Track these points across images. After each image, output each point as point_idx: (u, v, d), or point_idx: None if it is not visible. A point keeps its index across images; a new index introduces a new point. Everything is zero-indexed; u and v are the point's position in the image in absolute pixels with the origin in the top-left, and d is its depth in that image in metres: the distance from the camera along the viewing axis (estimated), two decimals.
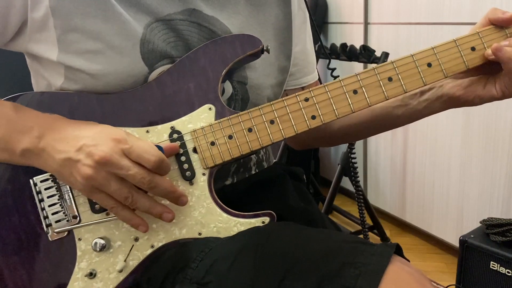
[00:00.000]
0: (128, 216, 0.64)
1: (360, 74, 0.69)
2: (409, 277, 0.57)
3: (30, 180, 0.69)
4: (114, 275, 0.68)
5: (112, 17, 0.67)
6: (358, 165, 1.92)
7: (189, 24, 0.73)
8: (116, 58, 0.68)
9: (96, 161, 0.59)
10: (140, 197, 0.63)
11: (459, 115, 1.89)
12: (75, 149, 0.61)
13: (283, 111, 0.69)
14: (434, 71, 0.69)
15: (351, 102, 0.69)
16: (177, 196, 0.65)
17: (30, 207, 0.69)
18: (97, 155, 0.59)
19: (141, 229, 0.65)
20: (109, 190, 0.61)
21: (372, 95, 0.69)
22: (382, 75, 0.69)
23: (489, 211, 1.86)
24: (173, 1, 0.72)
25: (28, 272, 0.68)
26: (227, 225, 0.69)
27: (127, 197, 0.61)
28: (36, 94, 0.71)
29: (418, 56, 0.69)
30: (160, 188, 0.63)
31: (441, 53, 0.69)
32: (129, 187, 0.61)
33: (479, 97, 0.72)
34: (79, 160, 0.61)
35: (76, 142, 0.62)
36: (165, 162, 0.62)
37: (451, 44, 0.69)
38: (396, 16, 2.12)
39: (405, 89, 0.69)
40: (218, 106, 0.70)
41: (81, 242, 0.68)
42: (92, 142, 0.61)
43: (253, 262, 0.61)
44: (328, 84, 0.69)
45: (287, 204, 0.82)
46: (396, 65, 0.69)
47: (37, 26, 0.67)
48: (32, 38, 0.69)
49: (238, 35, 0.73)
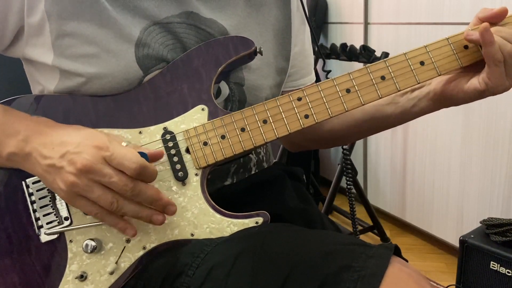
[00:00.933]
0: (113, 221, 0.64)
1: (352, 73, 0.69)
2: (408, 278, 0.57)
3: (22, 182, 0.69)
4: (105, 277, 0.68)
5: (107, 21, 0.67)
6: (358, 165, 1.92)
7: (187, 27, 0.72)
8: (111, 62, 0.68)
9: (78, 168, 0.59)
10: (126, 202, 0.62)
11: (459, 115, 1.89)
12: (59, 156, 0.61)
13: (276, 111, 0.69)
14: (427, 69, 0.69)
15: (344, 101, 0.69)
16: (163, 204, 0.64)
17: (22, 209, 0.69)
18: (79, 163, 0.59)
19: (128, 232, 0.64)
20: (93, 197, 0.61)
21: (365, 94, 0.69)
22: (375, 74, 0.69)
23: (489, 211, 1.85)
24: (171, 4, 0.71)
25: (19, 274, 0.68)
26: (219, 225, 0.68)
27: (111, 202, 0.61)
28: (30, 97, 0.71)
29: (410, 55, 0.69)
30: (144, 195, 0.62)
31: (434, 51, 0.69)
32: (113, 193, 0.61)
33: (462, 91, 0.71)
34: (62, 167, 0.61)
35: (61, 148, 0.62)
36: (148, 169, 0.61)
37: (444, 42, 0.69)
38: (396, 16, 2.12)
39: (398, 88, 0.69)
40: (211, 106, 0.70)
41: (72, 244, 0.68)
42: (76, 149, 0.61)
43: (251, 268, 0.61)
44: (321, 84, 0.69)
45: (286, 205, 0.82)
46: (389, 64, 0.69)
47: (33, 31, 0.67)
48: (29, 43, 0.69)
49: (231, 36, 0.73)
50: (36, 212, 0.68)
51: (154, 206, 0.64)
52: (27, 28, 0.67)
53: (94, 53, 0.67)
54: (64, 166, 0.60)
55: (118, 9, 0.68)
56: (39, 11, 0.66)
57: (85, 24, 0.67)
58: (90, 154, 0.60)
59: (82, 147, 0.61)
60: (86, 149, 0.60)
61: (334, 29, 2.57)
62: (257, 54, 0.73)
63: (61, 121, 0.68)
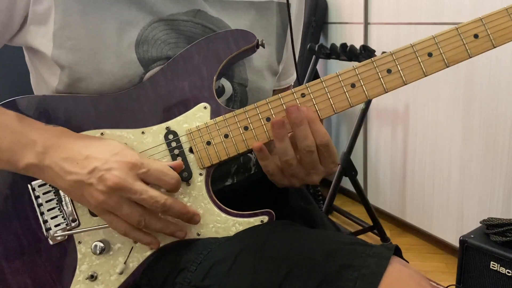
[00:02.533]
0: (139, 237, 0.65)
1: (358, 67, 0.67)
2: (408, 279, 0.57)
3: (28, 185, 0.69)
4: (114, 277, 0.68)
5: (110, 16, 0.67)
6: (358, 165, 1.92)
7: (193, 25, 0.72)
8: (112, 58, 0.67)
9: (109, 186, 0.59)
10: (153, 220, 0.63)
11: (459, 115, 1.89)
12: (86, 172, 0.61)
13: (279, 108, 0.68)
14: (435, 61, 0.66)
15: (349, 96, 0.67)
16: (190, 217, 0.66)
17: (30, 212, 0.69)
18: (110, 181, 0.59)
19: (153, 247, 0.66)
20: (121, 214, 0.61)
21: (370, 88, 0.67)
22: (381, 67, 0.67)
23: (489, 211, 1.85)
24: (178, 2, 0.71)
25: (31, 276, 0.69)
26: (225, 225, 0.68)
27: (139, 221, 0.61)
28: (31, 98, 0.70)
29: (418, 46, 0.66)
30: (173, 211, 0.63)
31: (443, 42, 0.66)
32: (141, 211, 0.62)
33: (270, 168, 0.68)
34: (91, 184, 0.60)
35: (87, 163, 0.61)
36: (180, 182, 0.64)
37: (453, 32, 0.66)
38: (396, 16, 2.12)
39: (404, 81, 0.67)
40: (213, 104, 0.69)
41: (81, 245, 0.68)
42: (105, 166, 0.60)
43: (252, 264, 0.61)
44: (326, 79, 0.67)
45: (287, 204, 0.82)
46: (396, 57, 0.66)
47: (37, 19, 0.67)
48: (29, 31, 0.68)
49: (232, 30, 0.72)
50: (44, 215, 0.68)
51: (182, 219, 0.66)
52: (31, 15, 0.67)
53: (94, 48, 0.66)
54: (94, 183, 0.60)
55: (123, 3, 0.68)
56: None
57: (87, 17, 0.66)
58: (122, 171, 0.60)
59: (112, 163, 0.60)
60: (117, 165, 0.60)
61: (334, 29, 2.57)
62: (259, 47, 0.72)
63: (63, 121, 0.68)
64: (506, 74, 1.69)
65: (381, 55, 0.67)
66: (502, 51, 1.67)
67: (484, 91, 1.78)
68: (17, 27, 0.69)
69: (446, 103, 1.93)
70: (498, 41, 0.66)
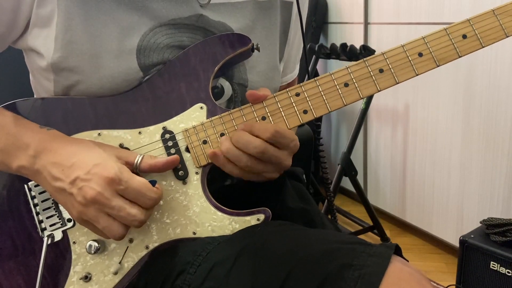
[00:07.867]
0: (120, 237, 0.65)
1: (350, 67, 0.69)
2: (409, 278, 0.57)
3: (25, 185, 0.69)
4: (109, 277, 0.68)
5: (112, 21, 0.67)
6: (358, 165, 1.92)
7: (195, 28, 0.72)
8: (112, 62, 0.67)
9: (87, 199, 0.60)
10: (132, 231, 0.65)
11: (459, 115, 1.89)
12: (69, 181, 0.62)
13: (274, 107, 0.69)
14: (425, 59, 0.68)
15: (343, 95, 0.69)
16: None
17: (25, 212, 0.69)
18: (88, 194, 0.60)
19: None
20: (99, 226, 0.62)
21: (363, 87, 0.68)
22: (373, 67, 0.68)
23: (489, 211, 1.85)
24: (180, 6, 0.71)
25: (24, 277, 0.68)
26: (221, 223, 0.68)
27: (116, 234, 0.62)
28: (30, 100, 0.71)
29: (408, 46, 0.68)
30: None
31: (432, 42, 0.68)
32: (118, 223, 0.62)
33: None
34: (71, 194, 0.61)
35: (70, 172, 0.62)
36: (160, 198, 0.65)
37: (442, 33, 0.69)
38: (396, 16, 2.12)
39: (397, 80, 0.69)
40: (210, 104, 0.70)
41: (76, 245, 0.68)
42: (86, 177, 0.61)
43: (252, 266, 0.61)
44: (319, 78, 0.69)
45: (286, 205, 0.82)
46: (387, 56, 0.68)
47: (41, 22, 0.67)
48: (32, 34, 0.68)
49: (228, 34, 0.72)
50: (39, 215, 0.68)
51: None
52: (34, 18, 0.67)
53: (95, 52, 0.67)
54: (74, 193, 0.61)
55: (125, 8, 0.68)
56: (50, 2, 0.65)
57: (90, 21, 0.66)
58: (100, 186, 0.60)
59: (91, 175, 0.61)
60: (96, 178, 0.60)
61: (334, 29, 2.57)
62: (254, 50, 0.73)
63: (61, 123, 0.69)
64: (506, 74, 1.68)
65: (373, 55, 0.69)
66: (502, 51, 1.67)
67: (484, 91, 1.77)
68: (21, 29, 0.69)
69: (446, 103, 1.93)
70: (486, 41, 0.69)
